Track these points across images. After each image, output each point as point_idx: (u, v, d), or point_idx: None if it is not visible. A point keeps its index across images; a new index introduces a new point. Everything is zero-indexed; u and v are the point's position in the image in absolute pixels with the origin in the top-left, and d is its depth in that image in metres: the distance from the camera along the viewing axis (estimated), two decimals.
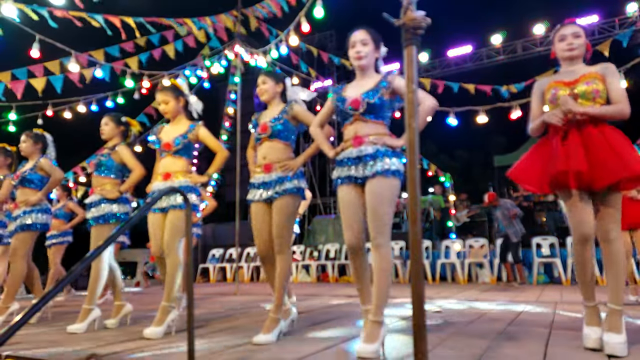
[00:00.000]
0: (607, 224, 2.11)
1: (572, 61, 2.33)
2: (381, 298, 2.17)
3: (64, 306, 5.17)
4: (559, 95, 2.25)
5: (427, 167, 10.21)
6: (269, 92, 2.82)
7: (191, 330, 1.74)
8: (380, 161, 2.21)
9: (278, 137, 2.71)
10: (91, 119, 7.25)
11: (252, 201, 2.75)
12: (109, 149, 3.42)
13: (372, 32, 2.37)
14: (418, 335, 1.39)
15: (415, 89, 1.61)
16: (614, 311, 2.07)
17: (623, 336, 2.00)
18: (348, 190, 2.30)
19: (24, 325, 1.10)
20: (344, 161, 2.32)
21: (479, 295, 5.17)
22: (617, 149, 2.07)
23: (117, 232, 1.49)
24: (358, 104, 2.28)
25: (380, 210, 2.18)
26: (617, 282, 2.11)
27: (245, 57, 7.81)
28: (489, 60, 13.00)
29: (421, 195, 1.62)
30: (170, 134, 3.09)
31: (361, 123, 2.30)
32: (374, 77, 2.39)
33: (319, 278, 9.08)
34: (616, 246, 2.10)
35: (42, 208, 3.73)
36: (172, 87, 3.13)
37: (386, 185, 2.20)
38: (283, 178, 2.63)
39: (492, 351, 2.14)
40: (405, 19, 1.46)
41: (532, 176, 2.31)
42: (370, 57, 2.37)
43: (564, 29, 2.33)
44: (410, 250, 1.49)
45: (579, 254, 2.17)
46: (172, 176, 2.98)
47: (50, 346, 2.51)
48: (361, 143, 2.26)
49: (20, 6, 5.70)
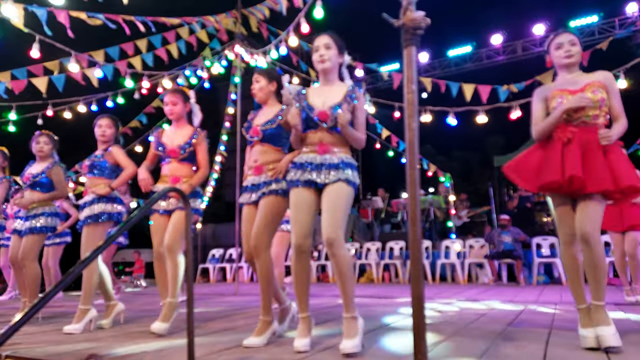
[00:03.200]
0: (588, 228, 2.15)
1: (570, 69, 2.37)
2: (348, 294, 2.22)
3: (63, 306, 5.17)
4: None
5: (426, 167, 10.21)
6: (263, 91, 2.79)
7: (191, 330, 1.73)
8: (343, 171, 2.28)
9: (270, 142, 2.69)
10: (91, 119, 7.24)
11: (244, 204, 2.75)
12: (102, 151, 3.45)
13: (336, 37, 2.41)
14: (418, 335, 1.39)
15: (415, 89, 1.61)
16: (598, 307, 2.16)
17: (612, 327, 2.09)
18: (304, 192, 2.34)
19: (23, 326, 1.09)
20: (304, 165, 2.35)
21: (478, 296, 5.17)
22: (613, 163, 2.15)
23: (118, 232, 1.48)
24: (326, 117, 2.32)
25: (338, 210, 2.24)
26: (597, 282, 2.18)
27: (245, 57, 7.80)
28: (488, 61, 13.00)
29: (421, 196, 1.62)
30: (174, 140, 3.13)
31: (326, 133, 2.35)
32: (339, 87, 2.42)
33: (318, 278, 9.08)
34: (597, 249, 2.15)
35: (53, 212, 3.73)
36: (181, 91, 3.22)
37: (345, 191, 2.27)
38: (271, 180, 2.63)
39: (492, 351, 2.14)
40: (405, 20, 1.47)
41: (527, 175, 2.35)
42: (334, 61, 2.41)
43: (560, 37, 2.35)
44: (410, 251, 1.49)
45: (564, 254, 2.29)
46: (181, 180, 3.05)
47: (49, 346, 2.51)
48: (326, 151, 2.33)
49: (20, 6, 5.69)
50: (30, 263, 3.61)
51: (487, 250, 7.85)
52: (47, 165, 3.75)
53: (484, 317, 3.34)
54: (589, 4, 12.27)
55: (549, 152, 2.28)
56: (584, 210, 2.18)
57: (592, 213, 2.17)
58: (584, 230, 2.15)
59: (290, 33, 7.05)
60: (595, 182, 2.13)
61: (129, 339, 2.72)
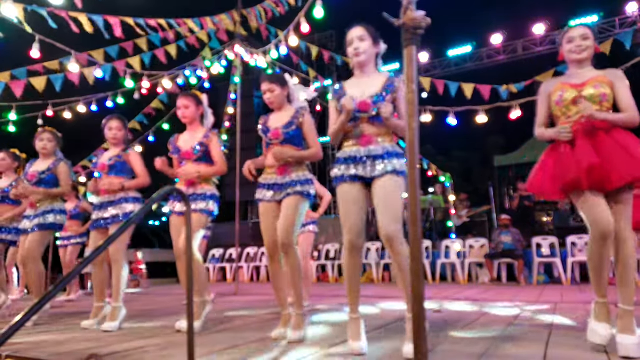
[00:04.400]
0: (619, 223, 2.09)
1: (581, 64, 2.31)
2: (408, 291, 2.12)
3: (64, 307, 5.17)
4: (565, 97, 2.26)
5: (427, 167, 10.21)
6: (279, 99, 2.81)
7: (191, 330, 1.73)
8: (389, 161, 2.23)
9: (291, 143, 2.73)
10: (91, 119, 7.25)
11: (262, 201, 2.76)
12: (121, 151, 3.47)
13: (370, 28, 2.35)
14: (418, 335, 1.40)
15: (416, 89, 1.61)
16: (626, 312, 2.04)
17: (637, 337, 1.98)
18: (351, 188, 2.29)
19: (24, 326, 1.08)
20: (348, 160, 2.31)
21: (479, 296, 5.17)
22: (630, 150, 2.07)
23: (118, 233, 1.48)
24: (368, 107, 2.28)
25: (391, 205, 2.17)
26: (629, 282, 2.08)
27: (245, 57, 7.80)
28: (489, 60, 12.99)
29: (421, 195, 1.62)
30: (188, 142, 3.19)
31: (368, 124, 2.31)
32: (377, 77, 2.37)
33: (319, 278, 9.07)
34: (628, 246, 2.08)
35: (61, 209, 3.74)
36: (194, 94, 3.27)
37: (394, 183, 2.21)
38: (296, 182, 2.67)
39: (492, 352, 2.13)
40: (405, 19, 1.46)
41: (549, 186, 2.29)
42: (370, 53, 2.35)
43: (573, 31, 2.30)
44: (410, 250, 1.49)
45: (596, 252, 2.10)
46: (196, 183, 3.09)
47: (50, 346, 2.50)
48: (370, 143, 2.28)
49: (20, 6, 5.69)
50: (34, 261, 3.57)
51: (487, 250, 7.84)
52: (52, 162, 3.74)
53: (484, 317, 3.33)
54: (589, 3, 12.28)
55: (559, 155, 2.24)
56: (615, 205, 2.11)
57: (623, 207, 2.11)
58: (616, 227, 2.06)
59: (291, 33, 7.04)
60: (620, 175, 2.04)
61: (129, 339, 2.72)
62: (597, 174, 2.06)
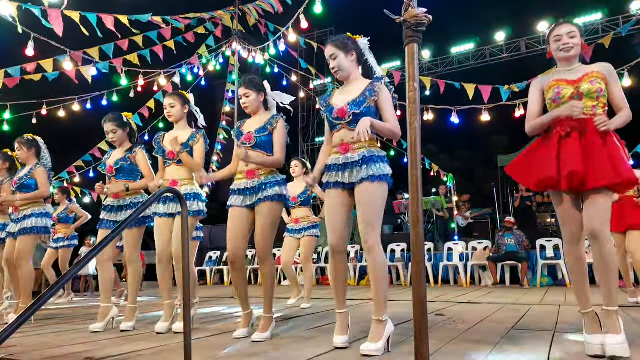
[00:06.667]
0: (597, 225, 2.06)
1: (569, 61, 2.32)
2: (380, 297, 2.22)
3: (60, 309, 5.11)
4: (563, 94, 2.24)
5: (429, 167, 10.10)
6: (253, 105, 2.84)
7: (188, 333, 1.76)
8: (367, 167, 2.26)
9: (261, 148, 2.74)
10: (86, 117, 7.14)
11: (232, 206, 2.77)
12: (127, 152, 3.39)
13: (337, 41, 2.40)
14: (420, 338, 1.39)
15: (417, 87, 1.54)
16: (609, 312, 2.06)
17: (622, 336, 1.99)
18: (335, 194, 2.36)
19: (19, 329, 1.11)
20: (331, 167, 2.39)
21: (481, 298, 5.07)
22: (615, 160, 2.08)
23: (114, 234, 1.52)
24: (344, 114, 2.34)
25: (368, 211, 2.23)
26: (609, 283, 2.08)
27: (243, 54, 7.69)
28: (492, 59, 12.88)
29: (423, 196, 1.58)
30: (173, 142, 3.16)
31: (347, 131, 2.34)
32: (359, 84, 2.43)
33: (318, 281, 8.95)
34: (607, 247, 2.06)
35: (42, 212, 3.81)
36: (180, 94, 3.27)
37: (371, 189, 2.25)
38: (265, 184, 2.69)
39: (495, 354, 2.11)
40: (407, 16, 1.46)
41: (525, 172, 2.31)
42: (346, 66, 2.41)
43: (559, 29, 2.30)
44: (412, 253, 1.48)
45: (568, 254, 2.21)
46: (179, 183, 3.09)
47: (45, 349, 2.50)
48: (347, 150, 2.33)
49: (15, 5, 5.58)
50: (26, 263, 3.70)
51: (490, 252, 7.73)
52: (30, 168, 3.86)
53: (487, 320, 3.28)
54: (593, 1, 12.17)
55: (546, 147, 2.23)
56: (591, 206, 2.09)
57: (600, 208, 2.07)
58: (592, 227, 2.06)
59: (290, 29, 6.92)
60: (597, 176, 2.04)
61: (125, 341, 2.74)
62: (577, 178, 2.08)
